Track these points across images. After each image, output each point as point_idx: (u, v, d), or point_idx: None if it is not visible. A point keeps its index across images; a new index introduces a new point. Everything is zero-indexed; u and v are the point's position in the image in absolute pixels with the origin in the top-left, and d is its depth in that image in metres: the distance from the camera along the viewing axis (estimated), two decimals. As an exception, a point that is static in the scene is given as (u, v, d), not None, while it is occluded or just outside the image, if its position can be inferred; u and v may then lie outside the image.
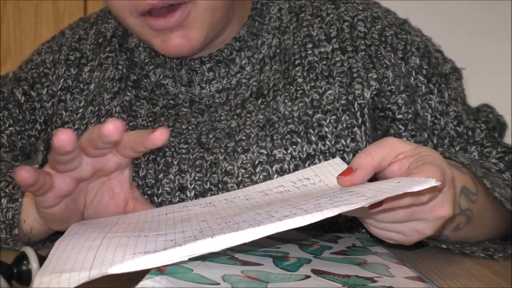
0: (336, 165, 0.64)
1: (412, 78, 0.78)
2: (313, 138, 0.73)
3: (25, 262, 0.52)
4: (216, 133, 0.75)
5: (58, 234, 0.74)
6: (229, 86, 0.79)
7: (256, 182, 0.70)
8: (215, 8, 0.72)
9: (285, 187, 0.63)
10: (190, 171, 0.73)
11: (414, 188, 0.48)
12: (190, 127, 0.76)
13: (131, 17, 0.72)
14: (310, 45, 0.78)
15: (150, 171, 0.74)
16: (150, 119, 0.77)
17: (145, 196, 0.72)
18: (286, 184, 0.64)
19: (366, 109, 0.75)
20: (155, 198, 0.72)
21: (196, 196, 0.72)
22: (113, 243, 0.49)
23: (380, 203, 0.51)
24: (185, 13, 0.70)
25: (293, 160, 0.71)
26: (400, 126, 0.76)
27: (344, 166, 0.63)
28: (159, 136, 0.56)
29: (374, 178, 0.58)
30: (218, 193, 0.71)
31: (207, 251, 0.43)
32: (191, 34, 0.71)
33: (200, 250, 0.43)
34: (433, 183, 0.49)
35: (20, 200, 0.68)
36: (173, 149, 0.75)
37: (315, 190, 0.58)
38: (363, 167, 0.56)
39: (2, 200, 0.69)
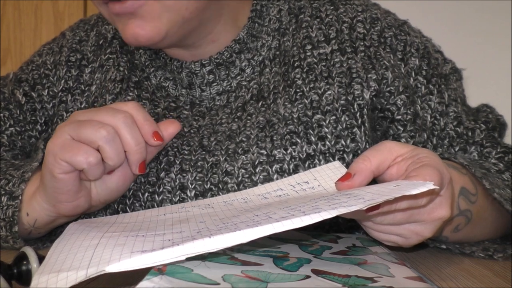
0: (335, 168, 0.64)
1: (412, 79, 0.78)
2: (313, 139, 0.73)
3: (25, 262, 0.52)
4: (217, 136, 0.75)
5: (56, 234, 0.75)
6: (230, 88, 0.79)
7: (256, 182, 0.70)
8: (180, 7, 0.71)
9: (284, 190, 0.63)
10: (191, 171, 0.73)
11: (412, 191, 0.48)
12: (192, 130, 0.76)
13: (99, 6, 0.73)
14: (309, 47, 0.78)
15: (153, 169, 0.74)
16: (153, 119, 0.78)
17: (146, 194, 0.73)
18: (285, 187, 0.64)
19: (365, 110, 0.75)
20: (156, 196, 0.73)
21: (196, 196, 0.72)
22: (111, 242, 0.49)
23: (377, 206, 0.52)
24: (138, 2, 0.69)
25: (292, 160, 0.72)
26: (399, 127, 0.76)
27: (343, 170, 0.63)
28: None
29: (373, 182, 0.58)
30: (218, 193, 0.71)
31: (204, 250, 0.43)
32: (146, 26, 0.70)
33: (197, 250, 0.43)
34: (431, 186, 0.49)
35: (20, 197, 0.68)
36: (175, 149, 0.75)
37: (313, 195, 0.58)
38: (361, 172, 0.56)
39: (2, 198, 0.69)
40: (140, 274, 0.43)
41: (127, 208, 0.73)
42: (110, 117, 0.64)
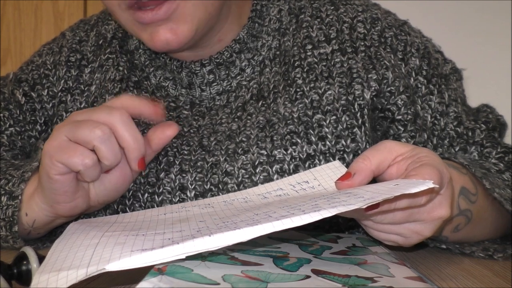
0: (335, 168, 0.64)
1: (412, 79, 0.78)
2: (313, 139, 0.73)
3: (25, 262, 0.52)
4: (217, 136, 0.75)
5: (56, 234, 0.75)
6: (230, 88, 0.79)
7: (256, 183, 0.70)
8: (207, 3, 0.71)
9: (284, 190, 0.63)
10: (191, 171, 0.73)
11: (411, 190, 0.48)
12: (191, 130, 0.76)
13: (120, 11, 0.72)
14: (309, 47, 0.78)
15: (152, 170, 0.74)
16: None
17: (146, 194, 0.73)
18: (285, 187, 0.64)
19: (366, 110, 0.75)
20: (156, 196, 0.73)
21: (196, 196, 0.72)
22: (111, 241, 0.49)
23: (376, 205, 0.52)
24: (173, 6, 0.69)
25: (293, 160, 0.71)
26: (400, 127, 0.76)
27: (343, 169, 0.63)
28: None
29: (373, 181, 0.58)
30: (218, 194, 0.71)
31: (204, 249, 0.43)
32: (179, 29, 0.70)
33: (197, 248, 0.43)
34: (430, 184, 0.49)
35: (20, 197, 0.68)
36: (175, 150, 0.75)
37: (313, 194, 0.58)
38: (361, 171, 0.56)
39: (2, 197, 0.69)
40: (140, 274, 0.43)
41: (127, 209, 0.73)
42: (106, 116, 0.64)
